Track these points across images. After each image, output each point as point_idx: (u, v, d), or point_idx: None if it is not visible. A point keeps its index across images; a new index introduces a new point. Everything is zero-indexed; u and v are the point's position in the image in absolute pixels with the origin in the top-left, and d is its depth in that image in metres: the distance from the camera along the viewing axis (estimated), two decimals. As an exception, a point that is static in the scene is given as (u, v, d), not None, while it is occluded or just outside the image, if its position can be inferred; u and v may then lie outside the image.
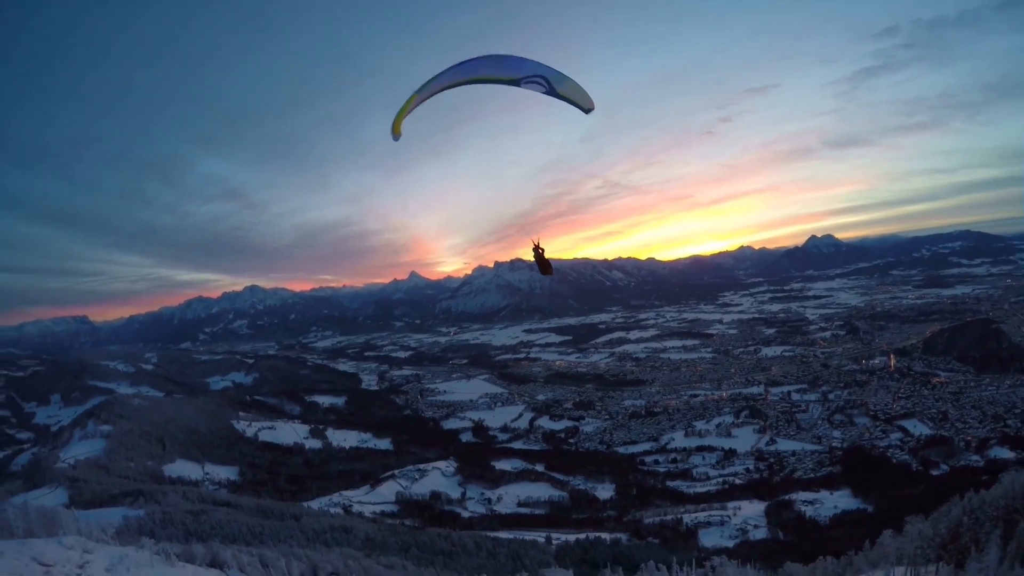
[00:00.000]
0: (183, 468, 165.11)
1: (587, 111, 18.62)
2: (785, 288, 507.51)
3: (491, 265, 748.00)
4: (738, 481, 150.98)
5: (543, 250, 22.17)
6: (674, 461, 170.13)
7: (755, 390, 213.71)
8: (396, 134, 17.88)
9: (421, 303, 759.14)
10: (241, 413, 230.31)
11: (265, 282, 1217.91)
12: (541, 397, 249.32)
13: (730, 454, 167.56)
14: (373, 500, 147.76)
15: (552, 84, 17.26)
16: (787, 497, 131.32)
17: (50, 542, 29.72)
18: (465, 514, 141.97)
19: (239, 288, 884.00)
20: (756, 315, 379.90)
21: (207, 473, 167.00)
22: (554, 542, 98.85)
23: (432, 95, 17.51)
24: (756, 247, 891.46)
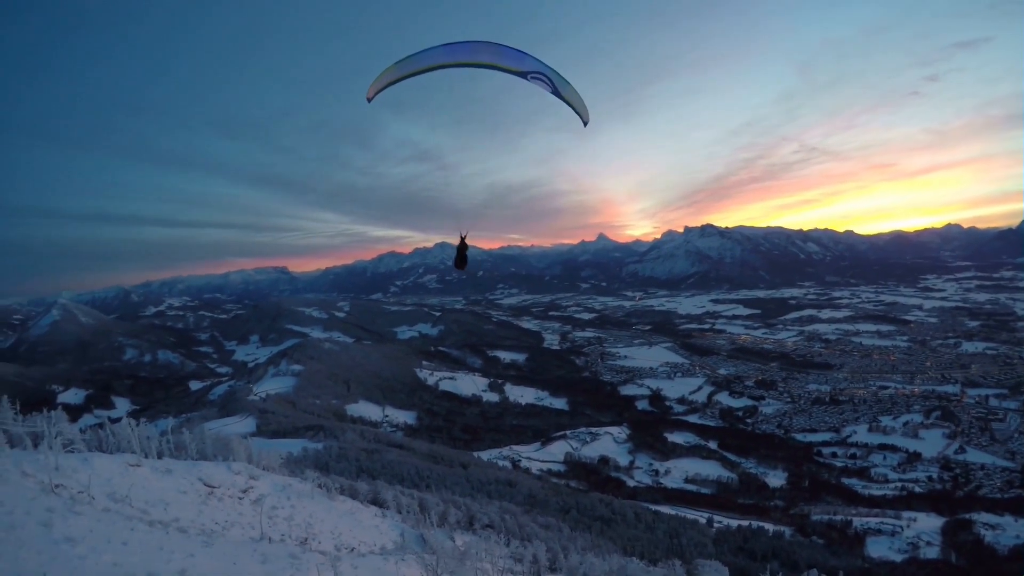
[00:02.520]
0: (365, 409, 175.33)
1: (584, 123, 18.74)
2: (994, 275, 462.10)
3: (680, 230, 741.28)
4: (917, 489, 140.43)
5: (467, 245, 23.22)
6: (853, 456, 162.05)
7: (950, 389, 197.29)
8: (368, 98, 18.43)
9: (607, 265, 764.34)
10: (424, 362, 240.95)
11: (455, 239, 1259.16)
12: (722, 371, 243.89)
13: (914, 457, 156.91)
14: (542, 457, 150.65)
15: (556, 85, 17.38)
16: (968, 516, 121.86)
17: (219, 466, 31.63)
18: (630, 483, 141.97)
19: (430, 245, 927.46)
20: (959, 304, 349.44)
21: (387, 415, 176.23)
22: (715, 525, 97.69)
23: (423, 72, 17.38)
24: (965, 226, 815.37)
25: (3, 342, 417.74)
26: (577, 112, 18.33)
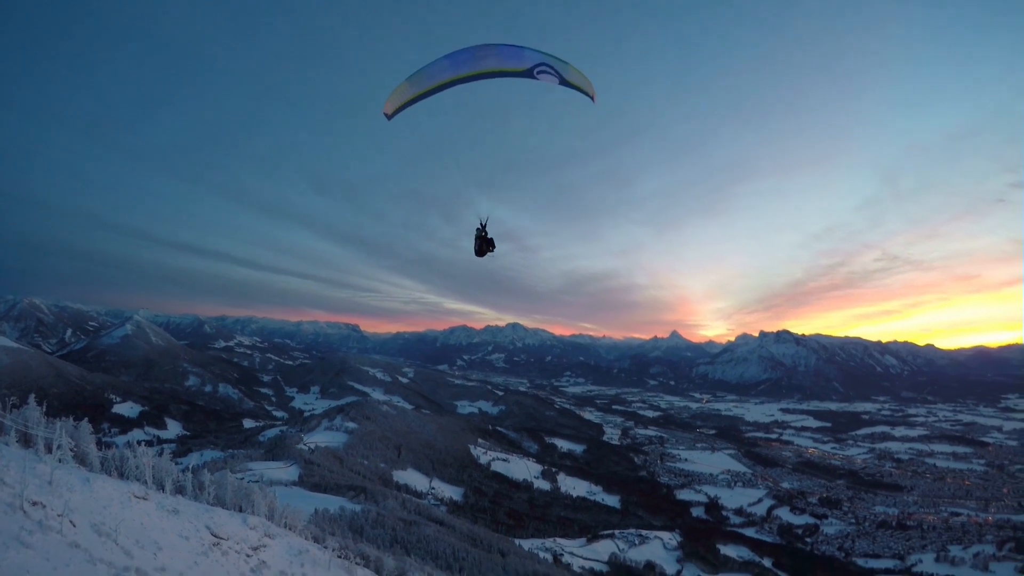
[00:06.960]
0: (412, 477, 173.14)
1: (593, 99, 18.59)
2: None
3: (755, 334, 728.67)
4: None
5: (486, 232, 22.71)
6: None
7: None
8: (387, 115, 18.42)
9: (678, 364, 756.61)
10: (480, 440, 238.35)
11: (527, 322, 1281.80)
12: (786, 485, 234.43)
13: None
14: (585, 555, 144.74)
15: (560, 73, 17.10)
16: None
17: (235, 516, 29.72)
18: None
19: (502, 324, 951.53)
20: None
21: (433, 488, 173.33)
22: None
23: (435, 91, 17.44)
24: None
25: (75, 344, 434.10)
26: (585, 92, 18.29)
